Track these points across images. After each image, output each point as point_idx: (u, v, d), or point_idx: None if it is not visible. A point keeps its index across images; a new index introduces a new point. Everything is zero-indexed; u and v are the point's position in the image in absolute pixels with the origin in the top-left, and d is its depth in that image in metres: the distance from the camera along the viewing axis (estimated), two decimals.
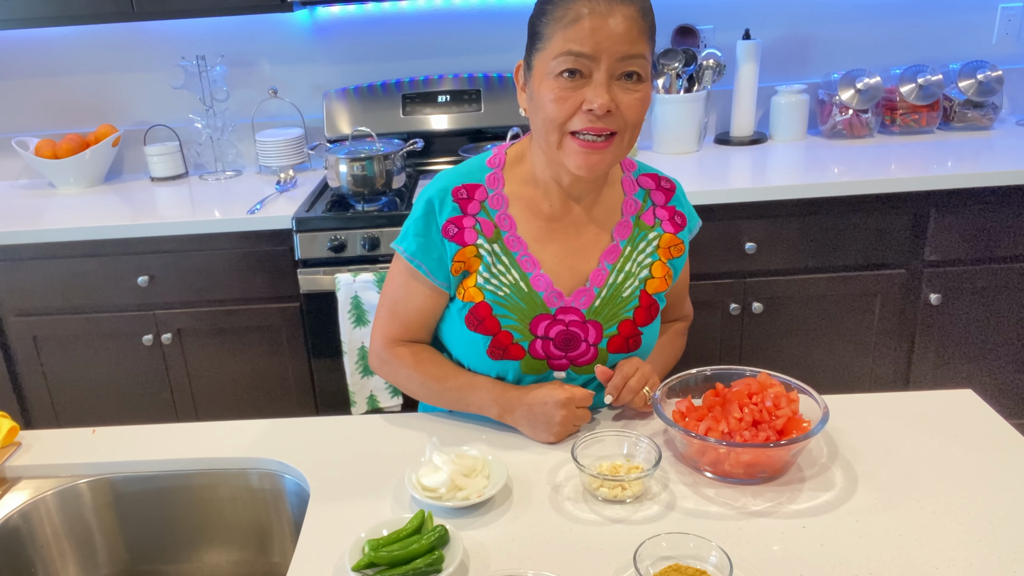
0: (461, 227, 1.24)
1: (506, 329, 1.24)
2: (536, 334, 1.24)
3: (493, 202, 1.26)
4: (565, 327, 1.25)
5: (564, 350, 1.25)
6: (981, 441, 1.16)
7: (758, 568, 0.94)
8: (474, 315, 1.24)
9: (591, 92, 1.10)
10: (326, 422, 1.32)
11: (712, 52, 2.55)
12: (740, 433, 1.09)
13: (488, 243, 1.24)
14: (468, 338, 1.26)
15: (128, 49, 2.71)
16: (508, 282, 1.24)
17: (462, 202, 1.24)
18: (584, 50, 1.08)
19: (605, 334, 1.26)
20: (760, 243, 2.22)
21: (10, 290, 2.31)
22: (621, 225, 1.28)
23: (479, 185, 1.26)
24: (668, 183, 1.33)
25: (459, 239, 1.24)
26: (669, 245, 1.30)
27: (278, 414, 2.26)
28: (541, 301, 1.24)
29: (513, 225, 1.25)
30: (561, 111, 1.11)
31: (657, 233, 1.30)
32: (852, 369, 2.37)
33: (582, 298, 1.25)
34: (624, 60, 1.09)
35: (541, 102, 1.13)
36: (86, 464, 1.25)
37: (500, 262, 1.24)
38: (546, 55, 1.12)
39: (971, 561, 0.93)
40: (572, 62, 1.09)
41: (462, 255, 1.24)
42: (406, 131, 2.62)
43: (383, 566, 0.94)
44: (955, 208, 2.19)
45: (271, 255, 2.26)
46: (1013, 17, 2.64)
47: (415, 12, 2.65)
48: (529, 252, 1.25)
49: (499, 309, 1.24)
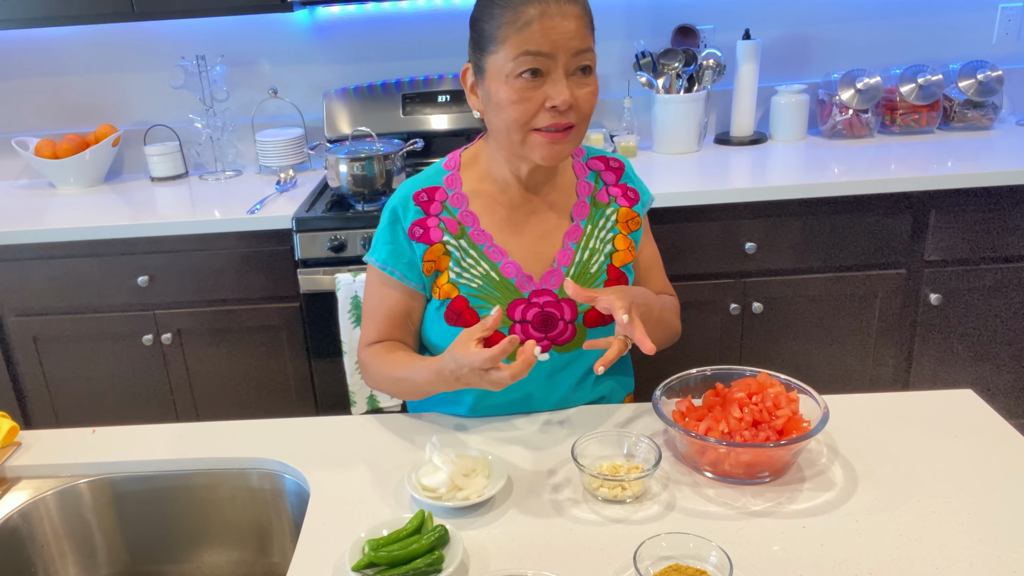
0: (426, 227, 1.29)
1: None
2: (514, 319, 1.29)
3: (453, 201, 1.31)
4: (541, 308, 1.29)
5: (543, 331, 1.29)
6: (981, 441, 1.16)
7: (758, 568, 0.94)
8: (452, 310, 1.28)
9: (552, 89, 1.14)
10: (326, 422, 1.32)
11: (712, 52, 2.55)
12: (740, 433, 1.09)
13: (455, 239, 1.29)
14: (450, 334, 1.27)
15: (128, 49, 2.71)
16: (479, 273, 1.29)
17: (423, 204, 1.30)
18: (542, 49, 1.12)
19: (580, 310, 1.30)
20: (760, 243, 2.22)
21: (10, 290, 2.31)
22: (579, 206, 1.34)
23: (438, 187, 1.32)
24: (616, 162, 1.40)
25: (426, 239, 1.29)
26: (627, 219, 1.36)
27: (278, 414, 2.25)
28: (514, 287, 1.29)
29: (476, 220, 1.31)
30: (525, 111, 1.16)
31: (614, 208, 1.36)
32: (852, 369, 2.37)
33: (552, 278, 1.30)
34: (577, 55, 1.14)
35: (501, 104, 1.17)
36: (86, 464, 1.25)
37: (468, 256, 1.29)
38: (501, 57, 1.15)
39: (971, 561, 0.94)
40: (532, 62, 1.13)
41: (431, 253, 1.29)
42: (406, 131, 2.62)
43: (383, 566, 0.94)
44: (955, 208, 2.19)
45: (271, 255, 2.26)
46: (1013, 17, 2.64)
47: (415, 12, 2.65)
48: (495, 243, 1.30)
49: (475, 301, 1.28)
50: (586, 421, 1.27)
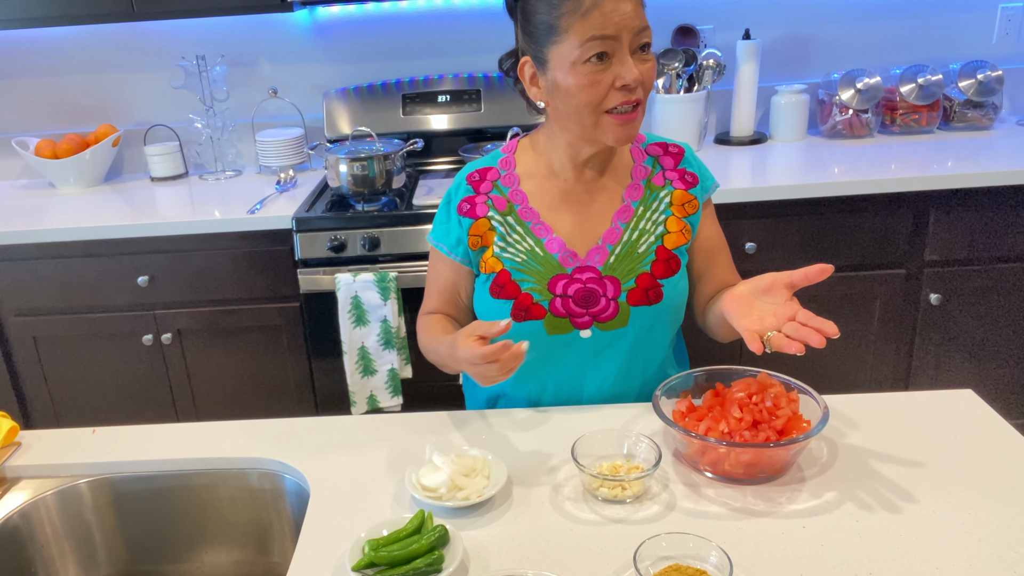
0: (473, 203, 1.35)
1: (526, 291, 1.30)
2: (555, 293, 1.31)
3: (505, 180, 1.35)
4: (583, 284, 1.31)
5: (584, 307, 1.30)
6: (981, 441, 1.16)
7: (758, 568, 0.94)
8: (496, 283, 1.32)
9: (622, 69, 1.16)
10: (326, 422, 1.32)
11: (712, 52, 2.55)
12: (740, 433, 1.09)
13: (501, 216, 1.33)
14: (494, 307, 1.32)
15: (128, 49, 2.71)
16: (524, 249, 1.32)
17: (474, 183, 1.36)
18: (608, 32, 1.15)
19: (623, 288, 1.30)
20: (760, 243, 2.22)
21: (10, 290, 2.31)
22: (632, 187, 1.35)
23: (491, 167, 1.37)
24: (676, 148, 1.39)
25: (471, 214, 1.34)
26: (683, 202, 1.34)
27: (278, 414, 2.25)
28: (557, 262, 1.31)
29: (525, 198, 1.34)
30: (596, 93, 1.18)
31: (668, 191, 1.35)
32: (852, 369, 2.37)
33: (596, 256, 1.31)
34: (639, 34, 1.17)
35: (571, 90, 1.19)
36: (86, 464, 1.25)
37: (514, 231, 1.33)
38: (567, 46, 1.17)
39: (971, 561, 0.93)
40: (599, 46, 1.15)
41: (476, 228, 1.33)
42: (406, 131, 2.62)
43: (383, 566, 0.94)
44: (955, 208, 2.19)
45: (271, 255, 2.26)
46: (1013, 17, 2.64)
47: (415, 12, 2.65)
48: (542, 220, 1.33)
49: (517, 274, 1.31)
50: (586, 421, 1.27)
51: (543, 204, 1.33)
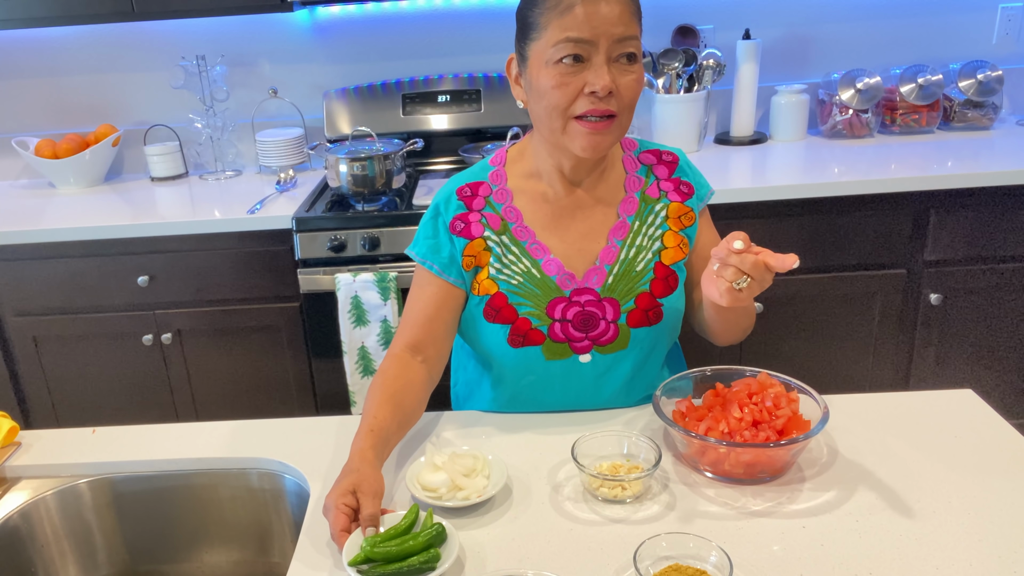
0: (467, 222, 1.28)
1: (524, 316, 1.25)
2: (554, 317, 1.26)
3: (498, 196, 1.29)
4: (581, 307, 1.26)
5: (584, 330, 1.26)
6: (981, 441, 1.16)
7: (758, 568, 0.94)
8: (491, 306, 1.26)
9: (592, 75, 1.12)
10: (326, 422, 1.32)
11: (712, 52, 2.55)
12: (740, 433, 1.09)
13: (496, 235, 1.27)
14: (489, 331, 1.27)
15: (128, 49, 2.71)
16: (520, 270, 1.26)
17: (467, 199, 1.29)
18: (583, 35, 1.11)
19: (623, 309, 1.26)
20: (760, 243, 2.19)
21: (10, 290, 2.31)
22: (626, 202, 1.29)
23: (483, 182, 1.30)
24: (670, 155, 1.34)
25: (466, 233, 1.27)
26: (679, 214, 1.30)
27: (278, 414, 2.26)
28: (555, 285, 1.26)
29: (519, 216, 1.28)
30: (564, 96, 1.14)
31: (664, 203, 1.30)
32: (852, 369, 2.37)
33: (594, 277, 1.26)
34: (620, 42, 1.13)
35: (542, 90, 1.15)
36: (86, 464, 1.25)
37: (510, 252, 1.27)
38: (543, 44, 1.14)
39: (971, 561, 0.93)
40: (572, 48, 1.12)
41: (471, 248, 1.27)
42: (406, 131, 2.62)
43: (379, 561, 0.94)
44: (955, 208, 2.19)
45: (271, 255, 2.26)
46: (1013, 17, 2.64)
47: (415, 12, 2.65)
48: (538, 240, 1.27)
49: (514, 298, 1.26)
50: (586, 421, 1.27)
51: (537, 221, 1.27)
